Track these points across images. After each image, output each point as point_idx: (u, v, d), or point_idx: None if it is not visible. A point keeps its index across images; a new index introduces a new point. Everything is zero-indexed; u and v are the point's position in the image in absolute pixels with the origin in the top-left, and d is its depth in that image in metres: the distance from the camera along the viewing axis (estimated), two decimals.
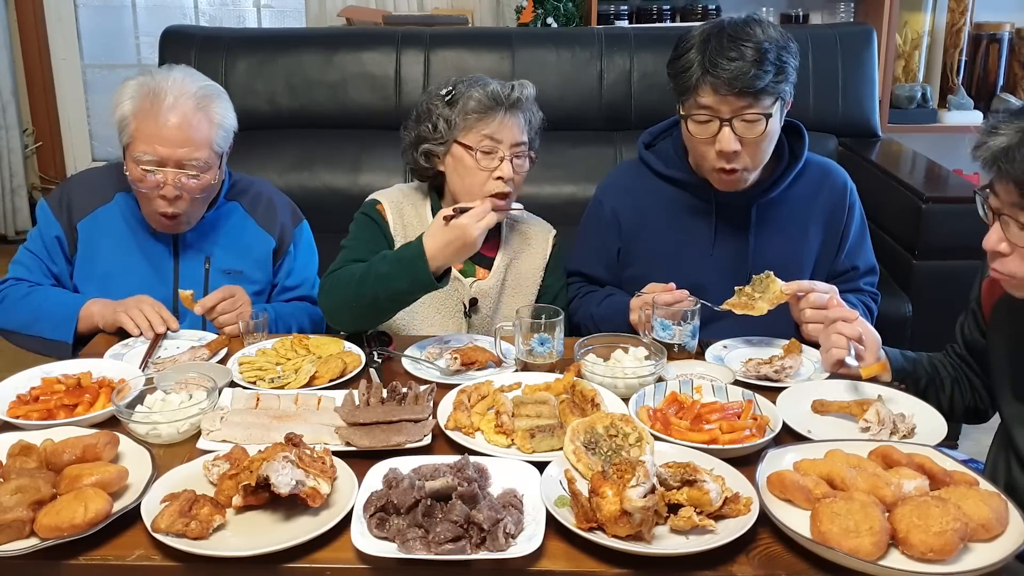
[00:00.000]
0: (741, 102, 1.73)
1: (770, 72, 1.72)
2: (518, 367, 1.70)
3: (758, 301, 1.72)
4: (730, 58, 1.71)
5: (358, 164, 3.05)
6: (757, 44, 1.72)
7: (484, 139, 1.90)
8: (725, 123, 1.76)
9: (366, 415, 1.43)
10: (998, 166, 1.33)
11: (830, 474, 1.25)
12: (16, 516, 1.15)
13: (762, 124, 1.76)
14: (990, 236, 1.39)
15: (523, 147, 1.94)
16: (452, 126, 1.92)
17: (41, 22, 4.77)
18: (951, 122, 4.14)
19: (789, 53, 1.77)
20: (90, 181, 2.09)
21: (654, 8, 4.21)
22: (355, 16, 4.42)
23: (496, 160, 1.90)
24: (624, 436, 1.36)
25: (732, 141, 1.76)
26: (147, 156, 1.87)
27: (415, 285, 1.71)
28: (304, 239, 2.18)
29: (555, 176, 3.00)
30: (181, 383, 1.53)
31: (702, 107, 1.77)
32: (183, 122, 1.87)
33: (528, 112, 1.95)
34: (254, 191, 2.13)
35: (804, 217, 1.95)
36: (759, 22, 1.77)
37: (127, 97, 1.89)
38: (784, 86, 1.77)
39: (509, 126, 1.90)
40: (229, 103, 1.98)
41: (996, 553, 1.14)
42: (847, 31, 3.26)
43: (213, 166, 1.93)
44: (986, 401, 1.69)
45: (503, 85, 1.93)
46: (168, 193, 1.89)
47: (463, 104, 1.90)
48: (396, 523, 1.18)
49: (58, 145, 4.97)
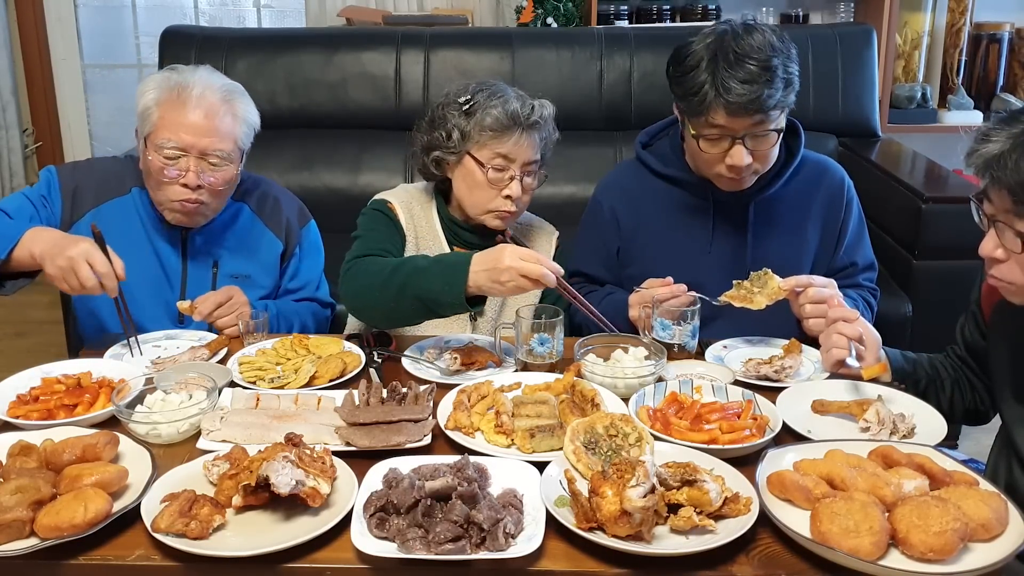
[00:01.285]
0: (753, 119, 1.74)
1: (779, 88, 1.73)
2: (518, 367, 1.70)
3: (756, 295, 1.72)
4: (741, 80, 1.70)
5: (358, 164, 3.06)
6: (765, 61, 1.71)
7: (497, 157, 1.89)
8: (738, 140, 1.77)
9: (366, 415, 1.43)
10: (990, 173, 1.33)
11: (830, 474, 1.25)
12: (16, 516, 1.15)
13: (773, 137, 1.79)
14: (986, 243, 1.39)
15: (535, 165, 1.94)
16: (466, 138, 1.90)
17: (41, 22, 4.77)
18: (951, 122, 4.14)
19: (792, 61, 1.78)
20: (106, 169, 2.04)
21: (654, 8, 4.21)
22: (355, 16, 4.42)
23: (506, 178, 1.90)
24: (624, 436, 1.36)
25: (745, 156, 1.78)
26: (171, 143, 1.85)
27: (447, 290, 1.65)
28: (310, 240, 2.16)
29: (555, 176, 2.95)
30: (181, 383, 1.53)
31: (714, 126, 1.77)
32: (209, 112, 1.87)
33: (544, 131, 1.94)
34: (261, 191, 2.12)
35: (802, 214, 1.95)
36: (760, 31, 1.76)
37: (151, 88, 1.89)
38: (791, 97, 1.78)
39: (524, 146, 1.89)
40: (251, 102, 1.99)
41: (996, 553, 1.14)
42: (847, 31, 3.27)
43: (235, 160, 1.92)
44: (986, 403, 1.69)
45: (523, 104, 1.90)
46: (190, 181, 1.86)
47: (480, 118, 1.88)
48: (396, 523, 1.18)
49: (58, 145, 4.97)
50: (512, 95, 1.92)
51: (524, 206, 1.97)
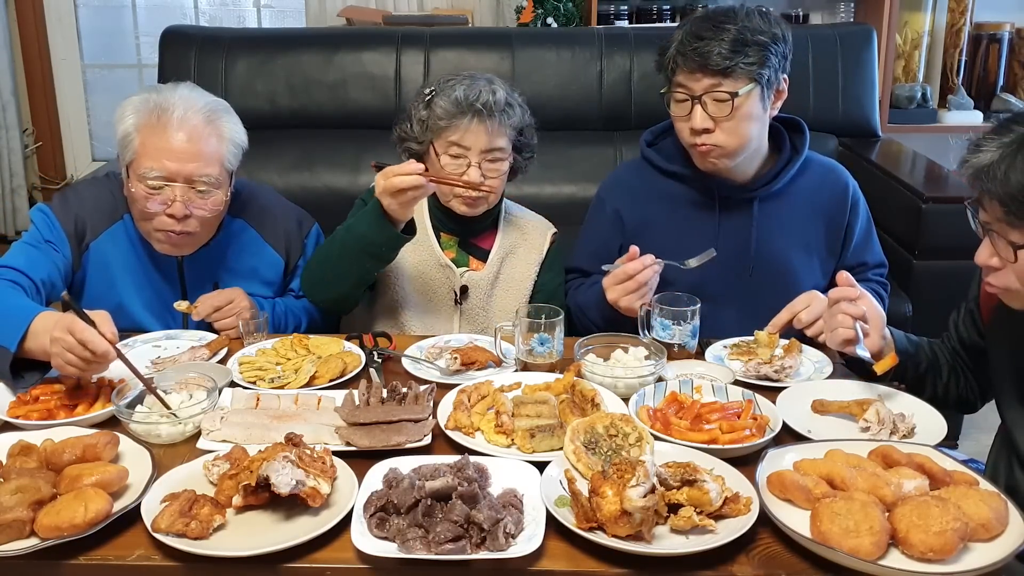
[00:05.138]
0: (710, 80, 1.79)
1: (740, 53, 1.76)
2: (518, 367, 1.70)
3: (758, 350, 1.72)
4: (702, 38, 1.77)
5: (358, 164, 3.05)
6: (734, 27, 1.77)
7: (451, 145, 1.91)
8: (696, 101, 1.81)
9: (366, 415, 1.43)
10: (981, 184, 1.33)
11: (830, 474, 1.25)
12: (16, 516, 1.15)
13: (729, 104, 1.79)
14: (981, 251, 1.39)
15: (497, 152, 1.93)
16: (426, 128, 1.94)
17: (41, 22, 4.76)
18: (951, 122, 4.14)
19: (773, 40, 1.80)
20: (95, 196, 1.93)
21: (654, 8, 4.21)
22: (355, 16, 4.42)
23: (464, 166, 1.91)
24: (624, 436, 1.36)
25: (702, 119, 1.81)
26: (154, 172, 1.76)
27: (374, 226, 1.79)
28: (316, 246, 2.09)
29: (555, 176, 3.00)
30: (181, 383, 1.53)
31: (678, 85, 1.84)
32: (193, 135, 1.77)
33: (503, 115, 1.92)
34: (258, 204, 2.03)
35: (806, 213, 1.96)
36: (747, 11, 1.81)
37: (129, 112, 1.80)
38: (762, 70, 1.79)
39: (476, 132, 1.90)
40: (237, 119, 1.89)
41: (996, 553, 1.14)
42: (847, 31, 3.26)
43: (223, 185, 1.83)
44: (976, 393, 1.69)
45: (472, 88, 1.90)
46: (177, 211, 1.77)
47: (433, 108, 1.91)
48: (396, 523, 1.18)
49: (58, 145, 4.97)
50: (465, 83, 1.92)
51: (494, 192, 1.97)
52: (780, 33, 1.82)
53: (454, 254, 2.04)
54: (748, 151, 1.88)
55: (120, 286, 1.89)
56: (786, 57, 1.84)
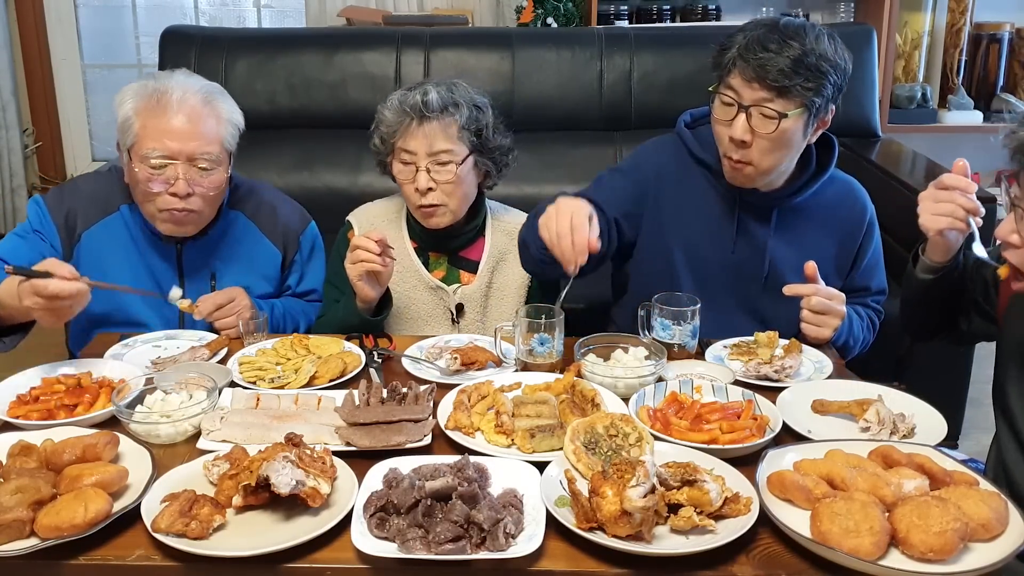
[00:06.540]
0: (763, 94, 1.73)
1: (799, 75, 1.71)
2: (518, 367, 1.70)
3: (758, 350, 1.72)
4: (767, 49, 1.71)
5: (358, 164, 3.05)
6: (799, 46, 1.71)
7: (401, 152, 1.92)
8: (743, 110, 1.75)
9: (366, 415, 1.43)
10: (1019, 159, 1.33)
11: (830, 474, 1.25)
12: (16, 516, 1.15)
13: (775, 122, 1.74)
14: (1003, 225, 1.39)
15: (443, 154, 1.90)
16: (382, 139, 1.96)
17: (41, 22, 4.77)
18: (951, 122, 4.14)
19: (833, 69, 1.75)
20: (92, 188, 1.99)
21: (654, 8, 4.22)
22: (355, 16, 4.42)
23: (412, 171, 1.90)
24: (624, 436, 1.36)
25: (743, 130, 1.75)
26: (156, 153, 1.80)
27: (360, 318, 1.85)
28: (315, 243, 2.12)
29: (555, 176, 3.00)
30: (181, 383, 1.53)
31: (728, 87, 1.77)
32: (192, 116, 1.82)
33: (445, 115, 1.89)
34: (256, 198, 2.06)
35: (821, 229, 1.93)
36: (817, 32, 1.75)
37: (128, 97, 1.84)
38: (815, 97, 1.74)
39: (420, 136, 1.89)
40: (233, 102, 1.93)
41: (996, 553, 1.14)
42: (847, 31, 3.26)
43: (224, 163, 1.87)
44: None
45: (411, 93, 1.90)
46: (180, 189, 1.81)
47: (384, 118, 1.93)
48: (396, 523, 1.18)
49: (58, 145, 4.97)
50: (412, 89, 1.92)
51: (453, 198, 1.93)
52: (843, 64, 1.77)
53: (444, 272, 2.02)
54: (777, 173, 1.86)
55: (114, 275, 1.90)
56: (840, 89, 1.79)
